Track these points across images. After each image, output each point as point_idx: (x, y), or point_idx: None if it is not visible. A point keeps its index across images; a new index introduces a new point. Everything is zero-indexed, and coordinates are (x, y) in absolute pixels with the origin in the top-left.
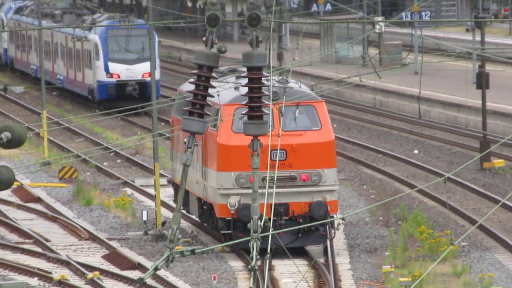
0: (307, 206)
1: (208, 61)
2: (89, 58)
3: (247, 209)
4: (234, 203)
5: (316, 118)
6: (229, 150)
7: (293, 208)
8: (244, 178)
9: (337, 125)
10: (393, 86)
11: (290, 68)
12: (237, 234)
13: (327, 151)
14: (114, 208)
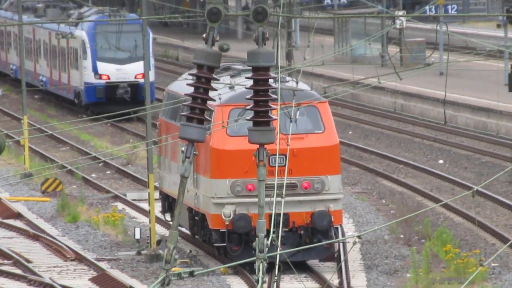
0: (308, 216)
1: (208, 61)
2: (75, 57)
3: (243, 220)
4: (229, 213)
5: (318, 120)
6: (224, 155)
7: (293, 219)
8: (240, 186)
9: (353, 132)
10: (416, 88)
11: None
12: (233, 248)
13: (330, 156)
14: (103, 225)
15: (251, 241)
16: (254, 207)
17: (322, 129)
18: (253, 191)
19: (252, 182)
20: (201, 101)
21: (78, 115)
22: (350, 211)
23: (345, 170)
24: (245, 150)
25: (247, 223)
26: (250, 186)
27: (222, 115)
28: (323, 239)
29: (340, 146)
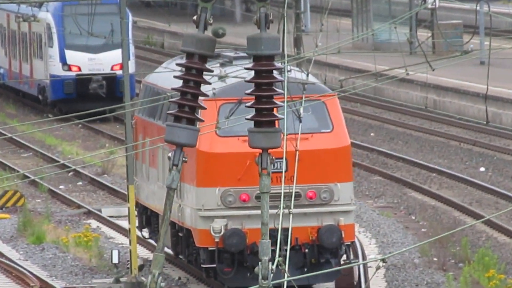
0: (314, 231)
1: (200, 48)
2: (39, 44)
3: (237, 236)
4: (219, 228)
5: (326, 117)
6: (213, 159)
7: (296, 235)
8: (232, 196)
9: (376, 133)
10: (451, 81)
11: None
12: (224, 269)
13: (340, 160)
14: (74, 247)
15: (245, 262)
16: (249, 221)
17: (330, 128)
18: (248, 202)
19: (247, 191)
20: (192, 97)
21: (43, 115)
22: (373, 229)
23: (366, 180)
24: (239, 153)
25: (241, 240)
26: (245, 196)
27: (210, 112)
28: (332, 259)
29: (359, 151)
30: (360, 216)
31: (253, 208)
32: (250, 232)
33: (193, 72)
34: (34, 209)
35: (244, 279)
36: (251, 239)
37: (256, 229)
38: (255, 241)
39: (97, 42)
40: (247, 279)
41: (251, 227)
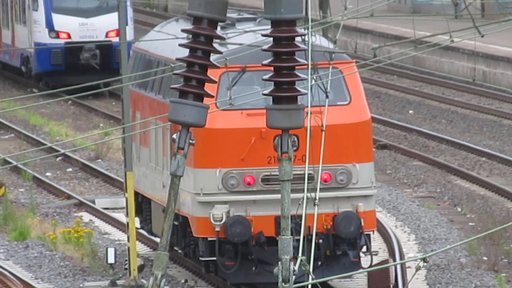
0: (329, 219)
1: (210, 11)
2: (22, 7)
3: (240, 225)
4: (221, 215)
5: (343, 87)
6: (213, 135)
7: (309, 223)
8: (235, 178)
9: (415, 111)
10: (504, 49)
11: (340, 22)
12: (225, 263)
13: (359, 137)
14: (62, 244)
15: (250, 254)
16: (254, 207)
17: (347, 100)
18: (253, 186)
19: (252, 173)
20: (200, 69)
21: (27, 89)
22: (412, 223)
23: (404, 166)
24: (242, 129)
25: (245, 230)
26: (249, 179)
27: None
28: (350, 251)
29: (396, 132)
30: (397, 208)
31: (259, 192)
32: (255, 220)
33: (201, 39)
34: (17, 200)
35: (249, 274)
36: (257, 228)
37: (262, 217)
38: (261, 230)
39: (89, 4)
40: (252, 274)
41: (257, 214)
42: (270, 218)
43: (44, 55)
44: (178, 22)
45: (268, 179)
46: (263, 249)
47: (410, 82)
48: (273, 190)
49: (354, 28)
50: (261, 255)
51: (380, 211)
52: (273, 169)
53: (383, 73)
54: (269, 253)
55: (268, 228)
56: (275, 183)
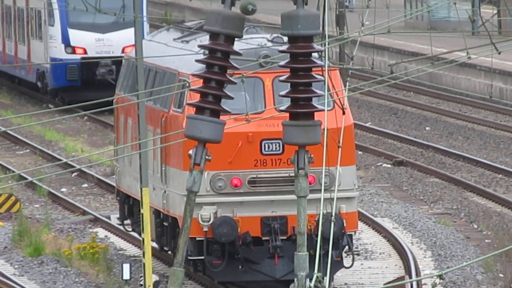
0: (313, 220)
1: (226, 27)
2: (39, 22)
3: (227, 225)
4: (208, 216)
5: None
6: None
7: (293, 224)
8: (222, 181)
9: (432, 128)
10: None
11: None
12: (212, 262)
13: (342, 141)
14: (77, 260)
15: (236, 253)
16: (241, 209)
17: (331, 106)
18: (240, 187)
19: (238, 175)
20: (216, 85)
21: (43, 105)
22: (428, 240)
23: (421, 182)
24: (229, 133)
25: (232, 230)
26: (236, 181)
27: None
28: (333, 251)
29: (412, 148)
30: (413, 224)
31: (245, 194)
32: (242, 221)
33: (218, 55)
34: (32, 215)
35: (235, 272)
36: (243, 228)
37: (248, 218)
38: (247, 230)
39: (105, 20)
40: (239, 272)
41: (244, 215)
42: (256, 218)
43: (60, 71)
44: (169, 31)
45: (255, 181)
46: (250, 249)
47: (427, 99)
48: (259, 192)
49: (371, 44)
50: (248, 254)
51: (396, 227)
52: (259, 172)
53: (399, 89)
54: (255, 253)
55: (254, 229)
56: (261, 185)
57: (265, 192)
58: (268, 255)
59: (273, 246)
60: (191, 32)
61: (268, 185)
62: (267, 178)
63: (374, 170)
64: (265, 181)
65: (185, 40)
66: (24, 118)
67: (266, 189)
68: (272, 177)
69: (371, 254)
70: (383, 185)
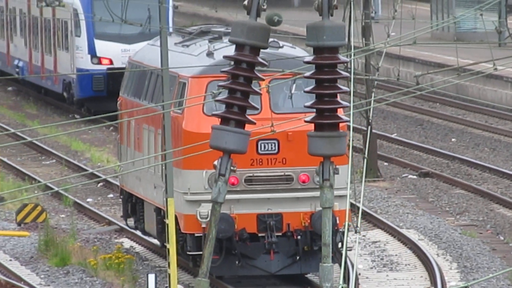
0: (307, 217)
1: (252, 38)
2: (65, 33)
3: (225, 222)
4: (207, 213)
5: None
6: (199, 139)
7: (288, 221)
8: None
9: (458, 139)
10: None
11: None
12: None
13: None
14: (103, 270)
15: (233, 249)
16: (238, 206)
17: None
18: (237, 186)
19: (235, 174)
20: (241, 95)
21: (69, 115)
22: (454, 252)
23: (446, 194)
24: None
25: (229, 226)
26: (233, 180)
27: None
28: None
29: (438, 160)
30: (439, 236)
31: (242, 192)
32: (239, 218)
33: (243, 66)
34: (58, 225)
35: (232, 267)
36: (240, 225)
37: (245, 215)
38: (244, 227)
39: (131, 30)
40: (236, 267)
41: (240, 212)
42: (252, 216)
43: (86, 81)
44: (171, 36)
45: (251, 180)
46: (246, 245)
47: (453, 110)
48: (255, 190)
49: (397, 55)
50: (244, 250)
51: (422, 239)
52: (256, 171)
53: (425, 100)
54: (252, 248)
55: (250, 225)
56: (257, 183)
57: (261, 190)
58: (264, 250)
59: (269, 242)
60: (192, 37)
61: (264, 183)
62: (263, 177)
63: (400, 182)
64: (261, 180)
65: (185, 44)
66: (50, 128)
67: (262, 187)
68: (268, 176)
69: (397, 266)
70: (409, 196)
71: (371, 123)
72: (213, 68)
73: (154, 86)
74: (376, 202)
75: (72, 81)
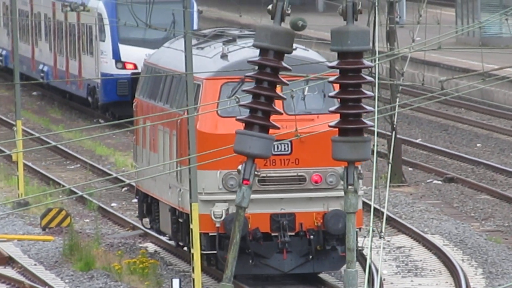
0: (320, 217)
1: (276, 43)
2: (90, 38)
3: None
4: (221, 212)
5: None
6: (214, 140)
7: (301, 220)
8: (234, 179)
9: (483, 144)
10: None
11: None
12: (224, 256)
13: None
14: (127, 275)
15: (247, 248)
16: (251, 206)
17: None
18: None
19: None
20: (265, 100)
21: (93, 120)
22: (479, 257)
23: (472, 199)
24: None
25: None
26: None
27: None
28: (339, 246)
29: (463, 165)
30: (464, 242)
31: (255, 192)
32: (252, 217)
33: (267, 70)
34: (82, 230)
35: (246, 266)
36: (254, 224)
37: (258, 214)
38: (257, 226)
39: (156, 35)
40: (249, 266)
41: (254, 212)
42: (265, 215)
43: (111, 86)
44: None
45: (264, 180)
46: (259, 244)
47: (478, 115)
48: (269, 190)
49: (421, 60)
50: (257, 249)
51: (447, 244)
52: (269, 171)
53: (450, 106)
54: (265, 247)
55: (263, 225)
56: (271, 183)
57: (274, 190)
58: (277, 250)
59: (282, 241)
60: (206, 39)
61: (277, 183)
62: (276, 177)
63: (425, 187)
64: (274, 180)
65: (200, 46)
66: (75, 133)
67: (275, 188)
68: (281, 176)
69: (422, 271)
70: (434, 201)
71: (395, 128)
72: (227, 70)
73: (169, 88)
74: (401, 208)
75: (96, 86)
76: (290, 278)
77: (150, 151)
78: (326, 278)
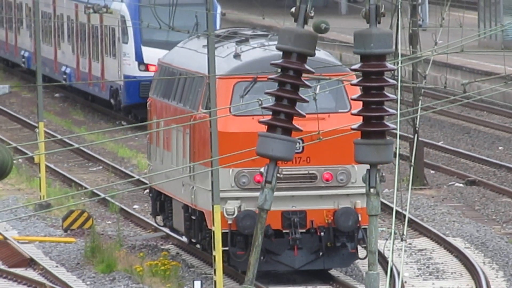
0: (330, 214)
1: (299, 46)
2: (112, 40)
3: (250, 219)
4: (233, 210)
5: (343, 96)
6: (227, 139)
7: (312, 217)
8: (246, 177)
9: (505, 147)
10: None
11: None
12: (236, 253)
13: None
14: (149, 277)
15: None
16: None
17: (347, 108)
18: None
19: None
20: (288, 103)
21: (116, 122)
22: (500, 260)
23: (493, 202)
24: (253, 133)
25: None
26: (259, 178)
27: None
28: (349, 243)
29: (485, 168)
30: (485, 244)
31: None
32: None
33: (290, 73)
34: (104, 232)
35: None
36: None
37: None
38: (269, 223)
39: (178, 37)
40: (261, 262)
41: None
42: (277, 213)
43: (133, 88)
44: (199, 39)
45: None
46: (271, 241)
47: (500, 118)
48: (280, 187)
49: (444, 63)
50: (269, 246)
51: (468, 247)
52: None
53: (472, 109)
54: (276, 244)
55: (275, 222)
56: (282, 181)
57: (285, 188)
58: (288, 246)
59: (293, 238)
60: (219, 40)
61: (288, 181)
62: (288, 175)
63: (446, 190)
64: (286, 178)
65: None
66: (97, 135)
67: (286, 185)
68: (292, 174)
69: (443, 274)
70: (455, 204)
71: (417, 131)
72: (240, 68)
73: (182, 87)
74: (423, 210)
75: (119, 88)
76: (300, 275)
77: (164, 149)
78: (336, 274)
